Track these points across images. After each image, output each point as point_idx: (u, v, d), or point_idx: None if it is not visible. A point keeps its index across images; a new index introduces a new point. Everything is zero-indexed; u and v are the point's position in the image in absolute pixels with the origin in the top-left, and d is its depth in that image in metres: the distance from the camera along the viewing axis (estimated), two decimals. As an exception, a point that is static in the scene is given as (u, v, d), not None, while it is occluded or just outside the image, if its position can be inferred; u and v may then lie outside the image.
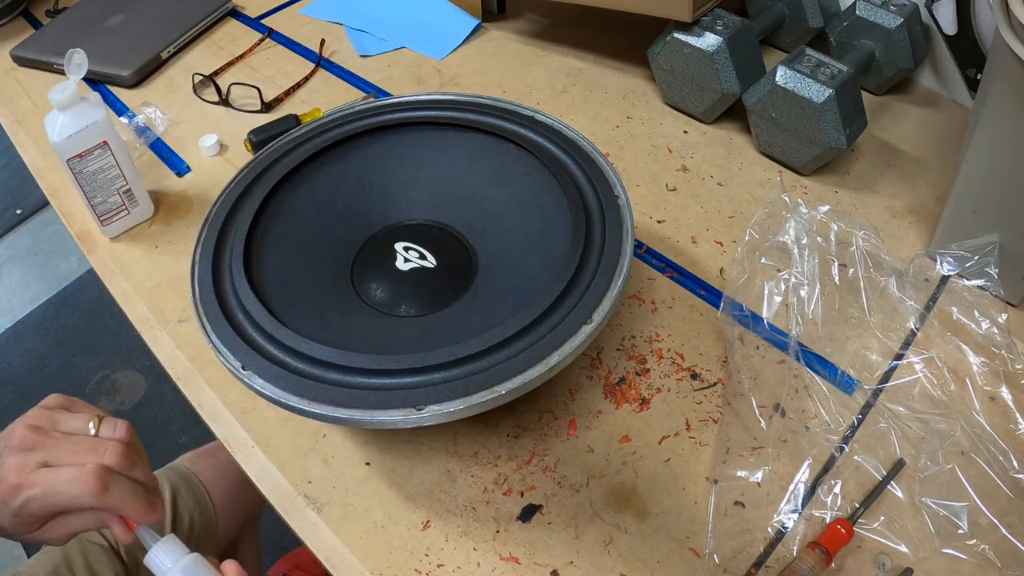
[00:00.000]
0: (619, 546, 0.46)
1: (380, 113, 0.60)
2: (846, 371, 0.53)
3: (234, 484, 0.79)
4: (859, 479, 0.48)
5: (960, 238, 0.58)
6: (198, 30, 0.92)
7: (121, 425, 0.42)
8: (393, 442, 0.52)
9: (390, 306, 0.53)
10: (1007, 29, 0.46)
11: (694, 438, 0.51)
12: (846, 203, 0.66)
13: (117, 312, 0.62)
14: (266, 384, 0.43)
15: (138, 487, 0.41)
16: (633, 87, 0.80)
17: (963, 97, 0.75)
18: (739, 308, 0.56)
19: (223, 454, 0.80)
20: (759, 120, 0.68)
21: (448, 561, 0.46)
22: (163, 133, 0.78)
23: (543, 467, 0.50)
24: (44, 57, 0.87)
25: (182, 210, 0.70)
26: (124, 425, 0.43)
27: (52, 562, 0.64)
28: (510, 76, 0.83)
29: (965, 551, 0.44)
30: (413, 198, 0.59)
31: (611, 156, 0.72)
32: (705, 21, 0.69)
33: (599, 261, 0.47)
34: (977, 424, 0.49)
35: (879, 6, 0.71)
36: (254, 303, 0.46)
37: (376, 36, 0.91)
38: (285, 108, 0.81)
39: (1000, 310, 0.55)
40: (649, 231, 0.65)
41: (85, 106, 0.60)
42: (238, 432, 0.53)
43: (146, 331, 0.60)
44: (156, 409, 1.47)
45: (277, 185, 0.54)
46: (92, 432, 0.41)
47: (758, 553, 0.45)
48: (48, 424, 0.41)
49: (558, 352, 0.42)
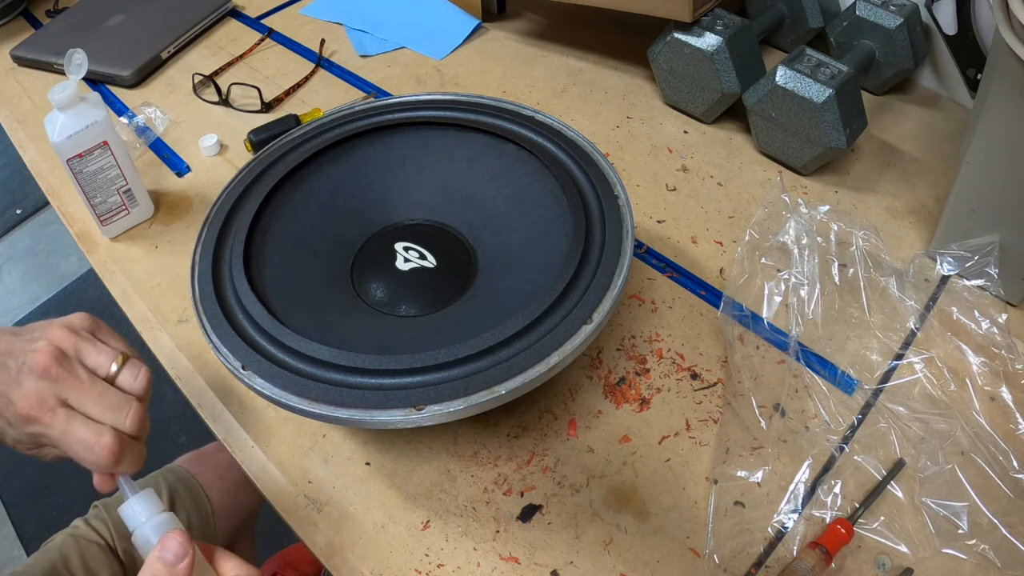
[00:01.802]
0: (619, 546, 0.46)
1: (380, 113, 0.60)
2: (846, 371, 0.53)
3: (232, 486, 0.79)
4: (859, 479, 0.48)
5: (960, 238, 0.58)
6: (198, 30, 0.92)
7: (143, 375, 0.41)
8: (393, 442, 0.52)
9: (390, 306, 0.53)
10: (1007, 29, 0.46)
11: (694, 438, 0.51)
12: (846, 203, 0.66)
13: (117, 312, 0.62)
14: (266, 384, 0.43)
15: (142, 448, 0.40)
16: (633, 87, 0.80)
17: (963, 97, 0.75)
18: (739, 308, 0.56)
19: (221, 456, 0.80)
20: (759, 120, 0.68)
21: (448, 561, 0.46)
22: (163, 133, 0.78)
23: (543, 467, 0.50)
24: (44, 57, 0.87)
25: (182, 210, 0.70)
26: (145, 375, 0.41)
27: (49, 561, 0.64)
28: (510, 76, 0.83)
29: (965, 551, 0.44)
30: (413, 198, 0.59)
31: (611, 156, 0.72)
32: (705, 21, 0.69)
33: (599, 261, 0.47)
34: (977, 424, 0.49)
35: (879, 6, 0.71)
36: (254, 303, 0.46)
37: (376, 36, 0.91)
38: (285, 108, 0.81)
39: (1000, 310, 0.55)
40: (649, 231, 0.65)
41: (85, 106, 0.60)
42: (238, 432, 0.53)
43: (146, 331, 0.60)
44: (156, 409, 1.47)
45: (277, 185, 0.54)
46: (114, 371, 0.40)
47: (758, 553, 0.45)
48: (73, 351, 0.40)
49: (558, 352, 0.42)
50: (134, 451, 0.39)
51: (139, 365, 0.41)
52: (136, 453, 0.39)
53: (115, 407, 0.39)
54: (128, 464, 0.39)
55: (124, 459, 0.38)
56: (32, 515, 1.34)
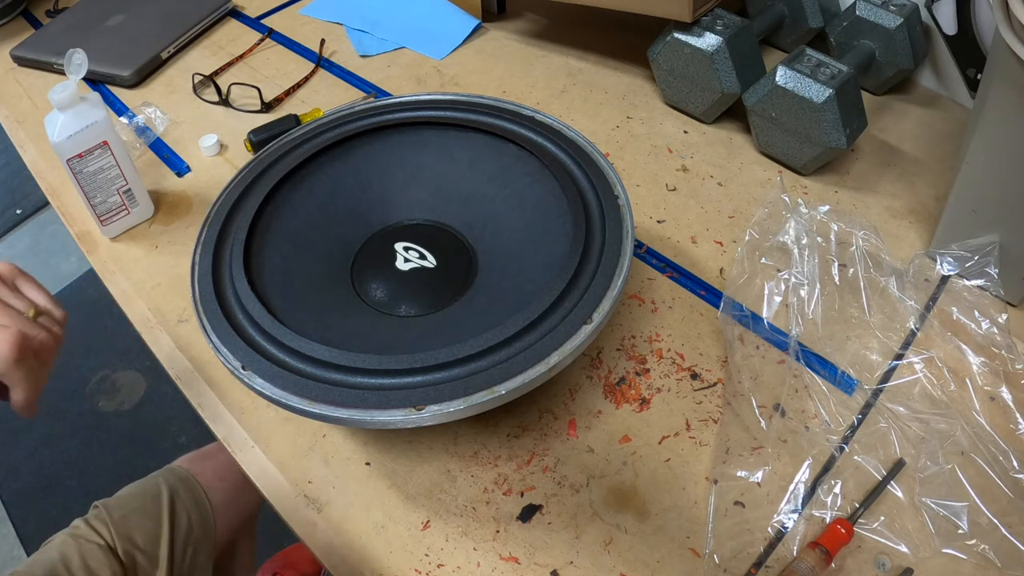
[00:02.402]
0: (619, 546, 0.46)
1: (380, 113, 0.60)
2: (846, 371, 0.53)
3: (232, 486, 0.79)
4: (859, 479, 0.48)
5: (960, 238, 0.58)
6: (198, 30, 0.92)
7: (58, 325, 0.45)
8: (393, 442, 0.52)
9: (390, 306, 0.53)
10: (1007, 29, 0.46)
11: (694, 438, 0.51)
12: (846, 203, 0.66)
13: (117, 312, 0.62)
14: (266, 384, 0.43)
15: (41, 378, 0.43)
16: (633, 87, 0.80)
17: (963, 97, 0.75)
18: (739, 308, 0.56)
19: (221, 456, 0.80)
20: (759, 120, 0.68)
21: (448, 561, 0.46)
22: (163, 133, 0.78)
23: (543, 467, 0.50)
24: (44, 57, 0.87)
25: (182, 210, 0.70)
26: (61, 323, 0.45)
27: (49, 561, 0.64)
28: (510, 76, 0.83)
29: (965, 551, 0.44)
30: (413, 198, 0.59)
31: (611, 156, 0.72)
32: (705, 21, 0.69)
33: (599, 261, 0.47)
34: (977, 424, 0.49)
35: (879, 6, 0.71)
36: (254, 303, 0.46)
37: (376, 36, 0.91)
38: (285, 108, 0.81)
39: (1000, 310, 0.55)
40: (649, 231, 0.65)
41: (85, 106, 0.60)
42: (238, 432, 0.53)
43: (146, 331, 0.60)
44: (156, 409, 1.47)
45: (277, 185, 0.54)
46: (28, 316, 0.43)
47: (758, 553, 0.45)
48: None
49: (558, 352, 0.42)
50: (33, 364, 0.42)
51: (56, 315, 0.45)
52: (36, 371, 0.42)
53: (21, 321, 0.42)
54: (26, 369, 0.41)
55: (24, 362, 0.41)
56: (32, 515, 1.34)
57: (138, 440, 1.42)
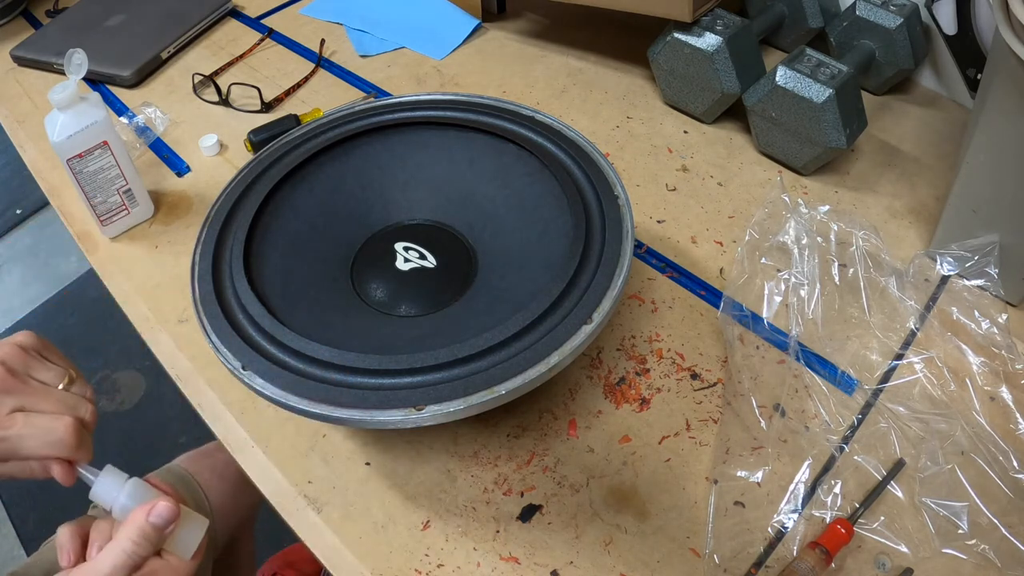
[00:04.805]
0: (619, 546, 0.46)
1: (380, 113, 0.60)
2: (846, 371, 0.53)
3: (232, 486, 0.79)
4: (859, 479, 0.48)
5: (960, 238, 0.58)
6: (198, 30, 0.92)
7: (89, 392, 0.44)
8: (393, 442, 0.52)
9: (390, 306, 0.53)
10: (1007, 29, 0.46)
11: (694, 438, 0.51)
12: (846, 203, 0.66)
13: (117, 312, 0.62)
14: (266, 384, 0.43)
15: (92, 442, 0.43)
16: (633, 87, 0.80)
17: (963, 97, 0.75)
18: (739, 308, 0.56)
19: (221, 455, 0.80)
20: (759, 120, 0.68)
21: (448, 561, 0.46)
22: (163, 133, 0.78)
23: (543, 467, 0.50)
24: (44, 57, 0.87)
25: (182, 210, 0.70)
26: (91, 393, 0.45)
27: (49, 561, 0.63)
28: (510, 76, 0.83)
29: (965, 551, 0.44)
30: (413, 198, 0.59)
31: (611, 156, 0.72)
32: (705, 21, 0.69)
33: (599, 261, 0.47)
34: (977, 424, 0.49)
35: (879, 6, 0.71)
36: (254, 303, 0.46)
37: (376, 36, 0.91)
38: (285, 108, 0.81)
39: (1000, 310, 0.55)
40: (649, 231, 0.65)
41: (85, 106, 0.60)
42: (238, 432, 0.53)
43: (146, 331, 0.60)
44: (156, 409, 1.47)
45: (277, 185, 0.54)
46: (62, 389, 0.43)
47: (758, 553, 0.45)
48: (22, 368, 0.42)
49: (558, 352, 0.42)
50: (88, 442, 0.42)
51: (86, 384, 0.44)
52: (90, 444, 0.42)
53: (72, 403, 0.42)
54: (85, 452, 0.41)
55: (83, 444, 0.41)
56: (32, 515, 1.34)
57: (138, 440, 1.42)
